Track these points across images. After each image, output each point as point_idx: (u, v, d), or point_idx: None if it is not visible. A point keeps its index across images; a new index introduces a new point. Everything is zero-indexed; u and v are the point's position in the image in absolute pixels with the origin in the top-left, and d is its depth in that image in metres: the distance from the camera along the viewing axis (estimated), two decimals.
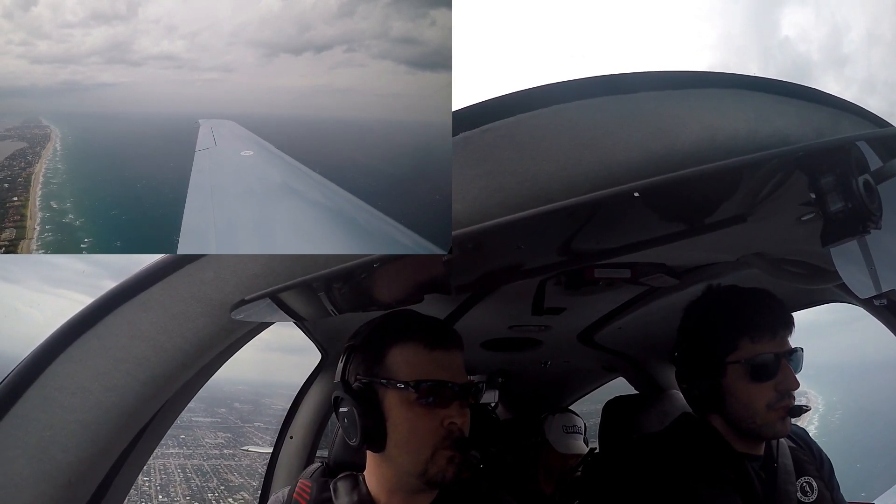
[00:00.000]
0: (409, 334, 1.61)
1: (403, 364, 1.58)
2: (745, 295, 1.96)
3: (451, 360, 1.61)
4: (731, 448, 1.94)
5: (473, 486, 1.67)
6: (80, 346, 1.45)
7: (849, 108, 1.33)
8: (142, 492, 24.77)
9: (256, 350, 2.19)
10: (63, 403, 1.43)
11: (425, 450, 1.53)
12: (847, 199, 1.20)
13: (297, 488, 1.75)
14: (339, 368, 1.66)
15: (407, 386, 1.53)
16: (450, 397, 1.56)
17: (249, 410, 37.62)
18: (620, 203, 1.22)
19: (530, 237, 1.40)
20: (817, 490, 1.94)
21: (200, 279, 1.45)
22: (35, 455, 1.41)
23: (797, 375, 1.85)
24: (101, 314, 1.46)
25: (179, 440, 29.05)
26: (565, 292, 2.53)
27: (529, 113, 1.22)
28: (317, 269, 1.34)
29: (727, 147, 1.24)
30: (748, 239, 1.80)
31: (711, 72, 1.27)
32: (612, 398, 3.33)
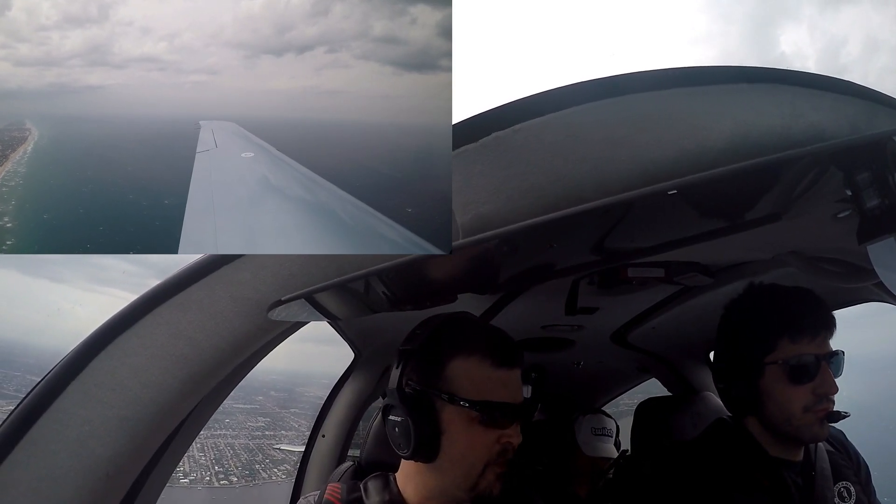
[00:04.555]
0: (472, 346, 1.56)
1: (466, 380, 1.53)
2: (786, 294, 1.92)
3: (514, 379, 1.57)
4: (767, 454, 1.91)
5: (509, 490, 1.63)
6: (119, 344, 1.47)
7: (884, 100, 1.31)
8: (200, 464, 26.72)
9: (290, 341, 2.22)
10: (102, 399, 1.46)
11: (478, 466, 1.52)
12: (883, 196, 1.18)
13: (328, 492, 1.72)
14: (395, 375, 1.60)
15: (472, 405, 1.49)
16: (511, 418, 1.53)
17: (285, 398, 38.94)
18: (654, 202, 1.22)
19: (563, 237, 1.40)
20: (855, 495, 1.91)
21: (238, 279, 1.47)
22: (74, 449, 1.44)
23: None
24: (140, 313, 1.48)
25: (224, 423, 31.10)
26: (598, 292, 2.51)
27: (561, 112, 1.22)
28: (351, 270, 1.36)
29: (761, 143, 1.22)
30: (783, 237, 1.78)
31: (743, 66, 1.25)
32: (646, 399, 3.32)
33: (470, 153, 1.23)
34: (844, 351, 1.85)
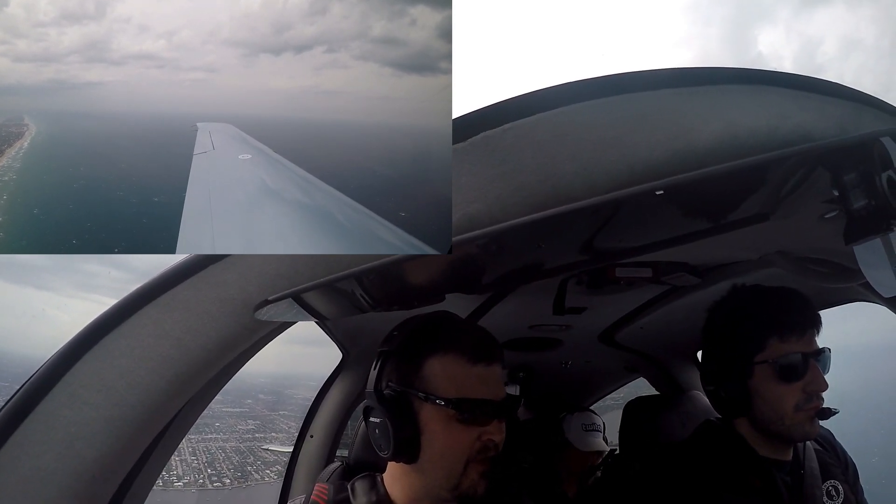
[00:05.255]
0: (448, 344, 1.54)
1: (443, 378, 1.51)
2: (772, 293, 1.93)
3: (493, 375, 1.55)
4: (757, 455, 1.91)
5: (497, 490, 1.62)
6: (105, 345, 1.46)
7: (871, 102, 1.31)
8: (193, 467, 26.86)
9: (277, 343, 2.21)
10: (88, 400, 1.45)
11: (459, 465, 1.50)
12: (870, 197, 1.19)
13: (315, 493, 1.71)
14: (372, 376, 1.58)
15: (448, 403, 1.47)
16: (490, 415, 1.51)
17: (274, 401, 39.20)
18: (642, 202, 1.22)
19: (552, 236, 1.40)
20: (843, 494, 1.92)
21: (224, 280, 1.46)
22: (61, 451, 1.43)
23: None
24: (126, 314, 1.47)
25: (215, 427, 31.31)
26: (586, 292, 2.52)
27: (550, 112, 1.22)
28: (339, 270, 1.35)
29: (748, 144, 1.23)
30: (771, 237, 1.78)
31: (731, 67, 1.26)
32: (633, 399, 3.32)
33: (459, 152, 1.23)
34: (830, 348, 1.86)
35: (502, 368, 1.60)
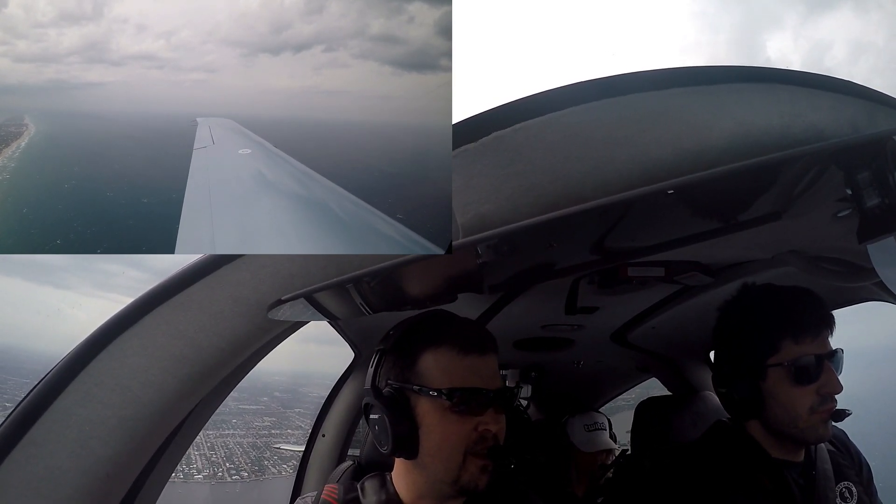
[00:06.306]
0: (441, 338, 1.56)
1: (436, 370, 1.53)
2: (784, 294, 1.90)
3: (486, 365, 1.56)
4: (768, 456, 1.89)
5: (503, 488, 1.63)
6: (119, 345, 1.47)
7: (884, 100, 1.30)
8: (212, 461, 27.67)
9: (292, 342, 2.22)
10: (102, 399, 1.46)
11: (458, 457, 1.50)
12: (884, 195, 1.18)
13: (325, 492, 1.72)
14: (370, 374, 1.61)
15: (440, 394, 1.49)
16: (484, 404, 1.52)
17: (289, 398, 39.70)
18: (654, 201, 1.22)
19: (563, 236, 1.40)
20: (857, 495, 1.90)
21: (237, 279, 1.47)
22: (75, 449, 1.44)
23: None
24: (140, 314, 1.49)
25: (232, 424, 32.12)
26: (598, 291, 2.51)
27: (561, 112, 1.22)
28: (351, 270, 1.36)
29: (761, 143, 1.22)
30: (783, 236, 1.77)
31: (742, 66, 1.25)
32: (646, 399, 3.31)
33: (470, 153, 1.23)
34: (843, 349, 1.84)
35: (497, 359, 1.61)
